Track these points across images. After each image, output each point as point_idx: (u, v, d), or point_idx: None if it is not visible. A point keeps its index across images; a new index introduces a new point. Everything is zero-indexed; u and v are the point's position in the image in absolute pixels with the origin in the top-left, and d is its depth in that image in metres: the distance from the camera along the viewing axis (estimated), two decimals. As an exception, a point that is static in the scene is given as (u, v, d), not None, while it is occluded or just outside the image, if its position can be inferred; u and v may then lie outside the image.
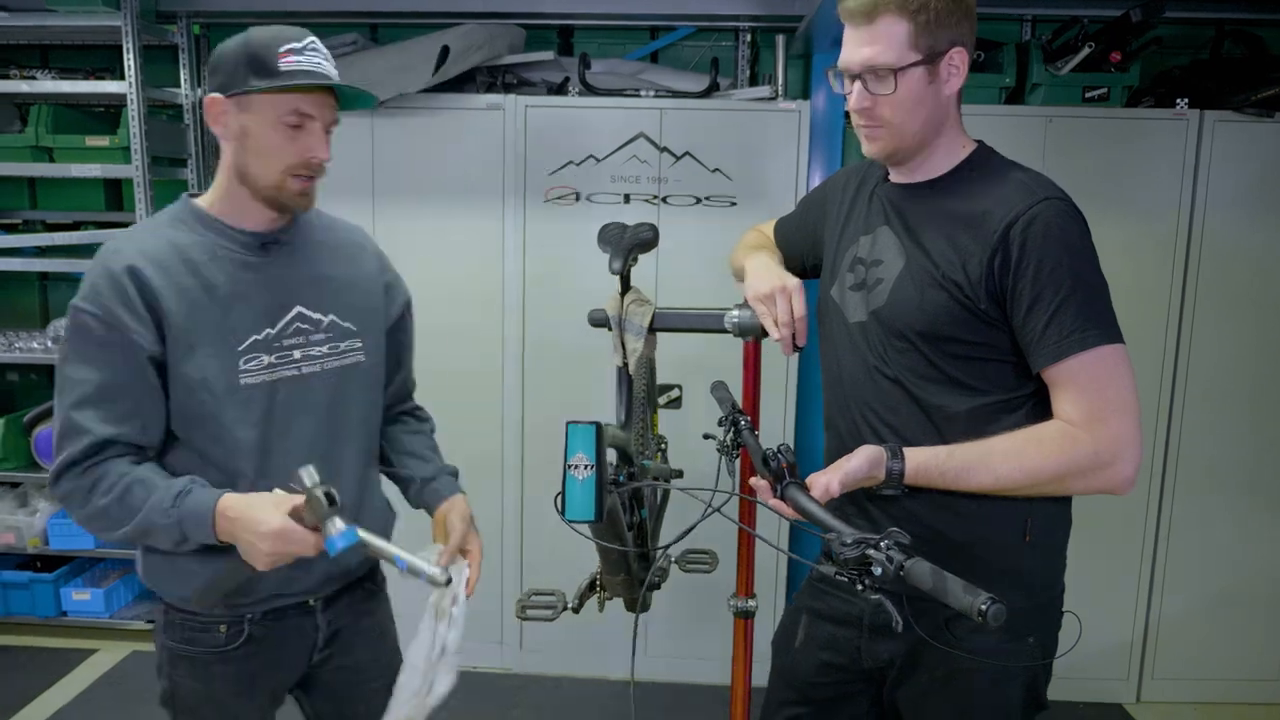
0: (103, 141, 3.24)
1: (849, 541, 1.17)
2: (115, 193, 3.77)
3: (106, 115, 3.63)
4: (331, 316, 1.54)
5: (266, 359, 1.46)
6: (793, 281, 1.54)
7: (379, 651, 1.68)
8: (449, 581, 1.39)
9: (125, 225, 3.40)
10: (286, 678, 1.60)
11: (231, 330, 1.44)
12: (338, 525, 1.27)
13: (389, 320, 1.65)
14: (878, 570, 1.14)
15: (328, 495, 1.26)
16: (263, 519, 1.30)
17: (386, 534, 1.64)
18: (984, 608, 1.06)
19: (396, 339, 1.68)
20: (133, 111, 3.10)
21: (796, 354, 1.56)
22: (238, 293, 1.45)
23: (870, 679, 1.56)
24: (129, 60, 3.06)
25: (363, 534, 1.30)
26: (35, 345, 3.42)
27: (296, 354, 1.49)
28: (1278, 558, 3.11)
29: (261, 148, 1.41)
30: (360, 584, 1.65)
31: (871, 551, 1.15)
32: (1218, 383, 3.03)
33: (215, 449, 1.44)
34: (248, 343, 1.45)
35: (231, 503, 1.34)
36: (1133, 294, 2.90)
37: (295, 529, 1.29)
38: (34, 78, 3.31)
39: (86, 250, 3.63)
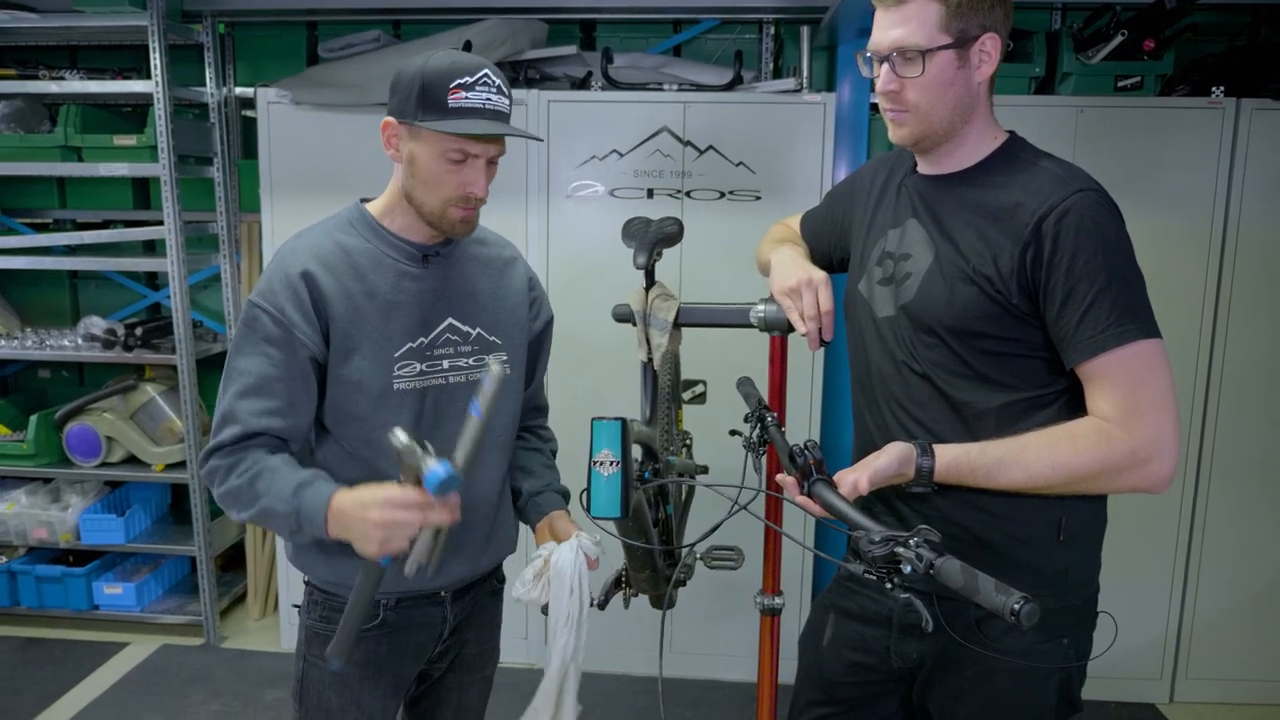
0: (130, 141, 3.26)
1: (877, 539, 1.15)
2: (143, 191, 3.82)
3: (134, 115, 3.66)
4: (478, 330, 1.58)
5: (419, 366, 1.52)
6: (819, 275, 1.51)
7: (484, 646, 1.74)
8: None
9: (154, 224, 3.44)
10: (411, 666, 1.64)
11: (389, 337, 1.49)
12: (430, 463, 1.27)
13: (531, 334, 1.69)
14: (907, 569, 1.12)
15: (419, 443, 1.29)
16: (370, 494, 1.33)
17: (510, 548, 1.70)
18: (1016, 608, 1.03)
19: (533, 353, 1.72)
20: (159, 110, 3.12)
21: (823, 349, 1.54)
22: (397, 301, 1.50)
23: (899, 679, 1.54)
24: (155, 59, 3.09)
25: (457, 457, 1.30)
26: (66, 343, 3.46)
27: (445, 364, 1.55)
28: (1316, 555, 3.05)
29: (425, 177, 1.45)
30: (486, 580, 1.70)
31: (900, 549, 1.13)
32: (1253, 378, 2.97)
33: (364, 449, 1.50)
34: (403, 350, 1.50)
35: (344, 494, 1.36)
36: (1166, 287, 2.83)
37: (397, 491, 1.31)
38: (62, 78, 3.35)
39: (115, 249, 3.67)
